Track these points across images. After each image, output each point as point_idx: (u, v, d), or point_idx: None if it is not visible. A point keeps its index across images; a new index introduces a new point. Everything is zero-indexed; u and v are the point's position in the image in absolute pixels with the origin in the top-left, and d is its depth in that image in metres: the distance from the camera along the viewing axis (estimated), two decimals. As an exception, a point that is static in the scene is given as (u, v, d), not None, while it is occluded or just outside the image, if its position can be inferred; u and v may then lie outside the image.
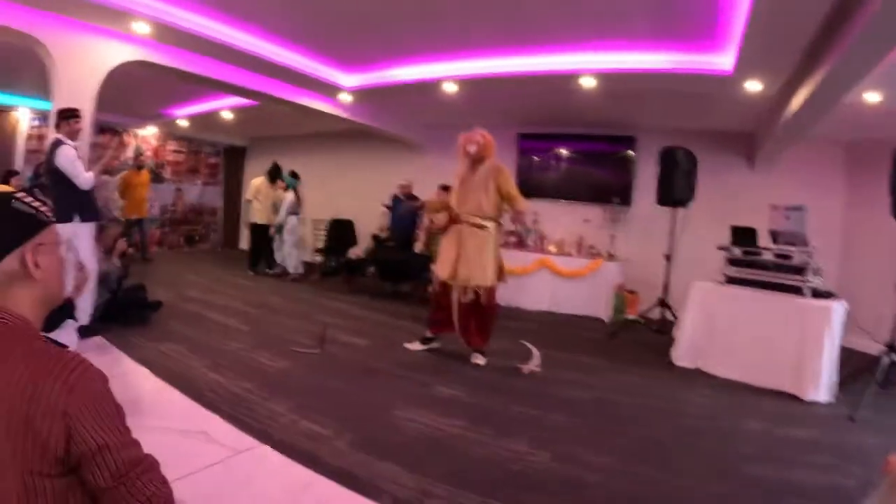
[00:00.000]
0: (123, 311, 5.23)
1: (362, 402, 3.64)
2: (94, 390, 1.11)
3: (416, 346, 5.07)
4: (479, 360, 4.79)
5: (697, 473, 2.96)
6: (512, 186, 4.81)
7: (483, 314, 4.83)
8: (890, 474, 1.65)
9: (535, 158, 8.90)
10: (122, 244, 5.48)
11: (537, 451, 3.03)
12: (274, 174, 9.43)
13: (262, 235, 9.27)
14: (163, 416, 3.14)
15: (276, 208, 9.31)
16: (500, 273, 4.91)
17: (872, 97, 4.97)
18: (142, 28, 5.10)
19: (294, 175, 9.33)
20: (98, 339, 4.57)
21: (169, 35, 5.32)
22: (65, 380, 1.05)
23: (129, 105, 9.39)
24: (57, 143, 4.43)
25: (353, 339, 5.28)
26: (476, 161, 4.84)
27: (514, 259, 7.68)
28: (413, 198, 8.37)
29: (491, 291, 4.82)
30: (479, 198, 4.78)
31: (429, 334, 5.09)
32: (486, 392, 4.01)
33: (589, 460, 2.99)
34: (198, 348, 4.56)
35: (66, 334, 3.82)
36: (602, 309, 7.36)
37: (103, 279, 5.07)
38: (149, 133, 11.43)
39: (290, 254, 8.91)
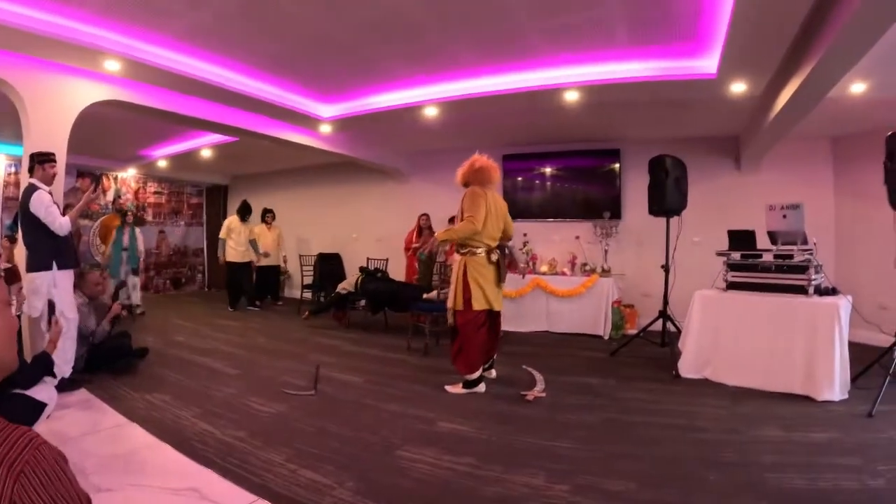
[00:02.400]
0: (108, 361, 5.04)
1: (363, 444, 3.44)
2: (46, 475, 0.93)
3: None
4: (450, 387, 4.65)
5: (723, 491, 2.80)
6: (467, 209, 4.60)
7: (457, 338, 4.69)
8: None
9: (519, 179, 8.83)
10: (116, 307, 5.27)
11: (554, 485, 2.84)
12: (244, 212, 9.53)
13: (240, 273, 9.40)
14: (151, 474, 2.95)
15: (253, 246, 9.49)
16: (467, 300, 4.59)
17: (858, 87, 4.94)
18: (113, 66, 4.97)
19: (265, 211, 9.95)
20: (82, 392, 4.39)
21: (141, 72, 5.19)
22: (11, 463, 0.88)
23: (107, 147, 9.31)
24: (31, 189, 4.29)
25: (349, 376, 5.09)
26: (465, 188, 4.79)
27: (507, 282, 7.56)
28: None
29: (460, 316, 4.64)
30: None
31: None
32: (492, 424, 3.83)
33: (609, 489, 2.81)
34: (186, 396, 4.36)
35: (45, 390, 3.65)
36: (600, 326, 7.25)
37: (89, 335, 4.89)
38: (128, 175, 11.28)
39: (136, 287, 8.99)
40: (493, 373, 5.02)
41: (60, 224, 4.30)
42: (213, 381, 4.83)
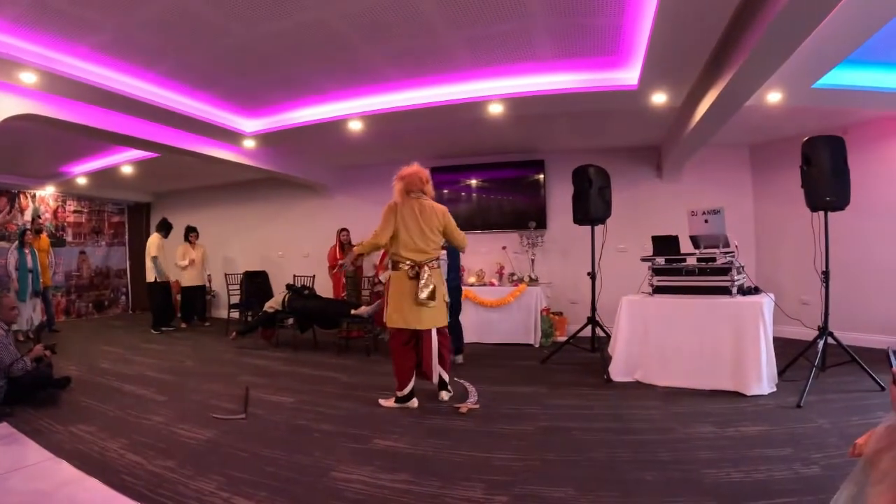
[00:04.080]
0: (28, 392, 4.74)
1: (297, 467, 3.34)
2: None
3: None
4: (383, 400, 4.60)
5: (661, 489, 2.86)
6: (380, 223, 4.62)
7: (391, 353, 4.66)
8: (862, 456, 1.64)
9: (446, 191, 8.82)
10: (38, 349, 5.04)
11: (493, 497, 2.83)
12: (169, 229, 9.39)
13: (167, 292, 9.29)
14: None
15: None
16: (389, 316, 4.56)
17: (774, 97, 5.15)
18: (29, 78, 4.73)
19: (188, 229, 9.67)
20: (3, 427, 4.10)
21: (59, 85, 4.96)
22: None
23: (24, 164, 8.84)
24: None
25: (280, 397, 4.95)
26: None
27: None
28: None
29: (390, 332, 4.62)
30: None
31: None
32: (427, 438, 3.79)
33: (549, 497, 2.83)
34: (113, 426, 4.13)
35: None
36: (530, 334, 7.36)
37: (7, 366, 4.60)
38: (47, 193, 10.68)
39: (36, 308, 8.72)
40: (445, 395, 4.72)
41: None
42: (141, 409, 4.60)
